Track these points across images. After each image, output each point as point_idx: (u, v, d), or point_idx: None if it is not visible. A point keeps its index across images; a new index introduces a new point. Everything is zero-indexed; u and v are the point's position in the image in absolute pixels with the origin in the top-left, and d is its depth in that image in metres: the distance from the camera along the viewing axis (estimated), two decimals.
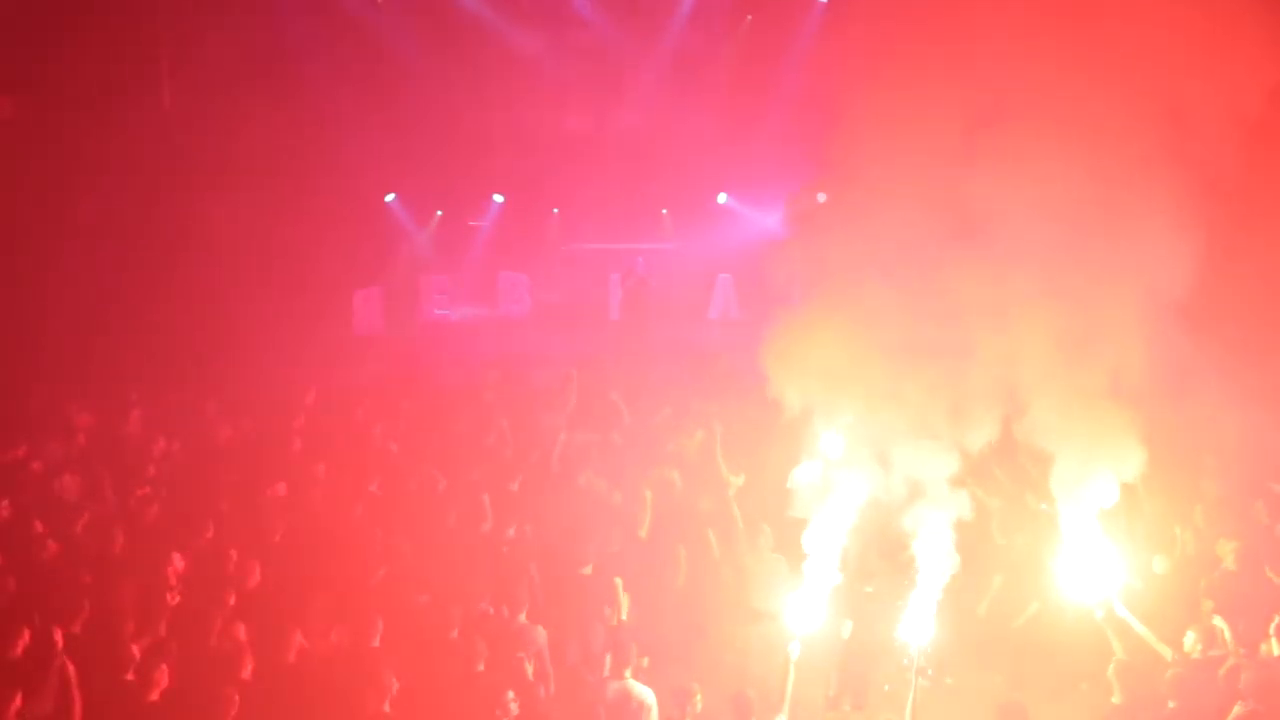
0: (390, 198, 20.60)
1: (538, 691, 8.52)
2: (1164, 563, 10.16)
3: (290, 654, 8.60)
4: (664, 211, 21.28)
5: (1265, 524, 10.72)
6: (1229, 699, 8.28)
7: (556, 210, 21.11)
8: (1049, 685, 9.85)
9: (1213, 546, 10.35)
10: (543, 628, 9.22)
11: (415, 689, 8.41)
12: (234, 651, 8.52)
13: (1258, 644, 8.79)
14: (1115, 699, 8.49)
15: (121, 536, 10.11)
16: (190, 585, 9.48)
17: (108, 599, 9.20)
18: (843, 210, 9.14)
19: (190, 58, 18.40)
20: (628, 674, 8.48)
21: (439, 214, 20.90)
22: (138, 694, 8.10)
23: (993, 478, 10.96)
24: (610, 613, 9.56)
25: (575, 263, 20.50)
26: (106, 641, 8.58)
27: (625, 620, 9.64)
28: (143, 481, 11.41)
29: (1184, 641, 8.66)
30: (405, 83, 19.80)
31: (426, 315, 19.95)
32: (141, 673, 8.14)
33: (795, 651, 8.42)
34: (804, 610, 8.69)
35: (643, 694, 8.45)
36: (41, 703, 8.00)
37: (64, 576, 9.57)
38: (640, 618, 9.87)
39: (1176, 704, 8.16)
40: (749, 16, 20.82)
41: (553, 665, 9.08)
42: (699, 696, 8.20)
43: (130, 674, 8.21)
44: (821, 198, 10.46)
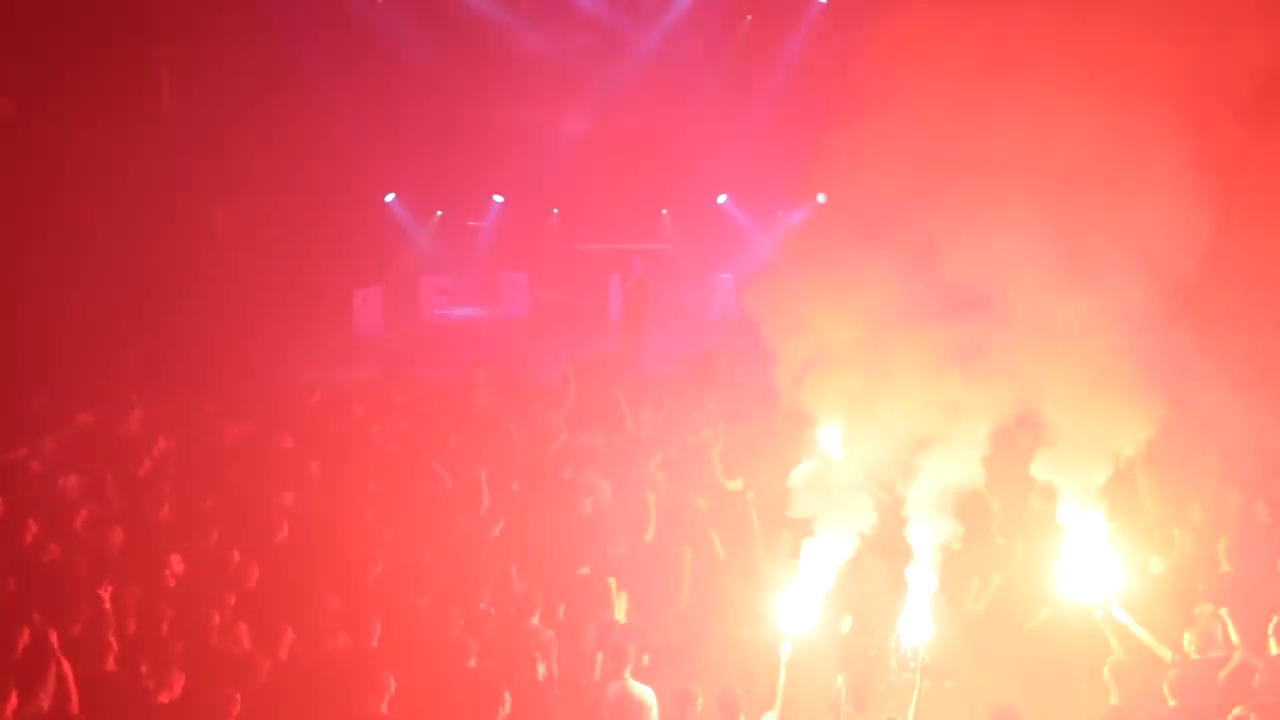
0: (390, 198, 20.59)
1: (545, 693, 8.51)
2: (1161, 563, 10.15)
3: (283, 651, 8.59)
4: (664, 211, 21.27)
5: (1265, 524, 10.72)
6: (1230, 700, 8.27)
7: (556, 210, 21.11)
8: (1049, 685, 9.84)
9: (1211, 547, 10.35)
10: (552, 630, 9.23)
11: (414, 689, 8.42)
12: (235, 652, 8.52)
13: (1257, 644, 8.79)
14: (1113, 699, 8.49)
15: (121, 536, 10.11)
16: (191, 585, 9.49)
17: (107, 599, 9.20)
18: (844, 205, 9.15)
19: (191, 59, 18.41)
20: (627, 674, 8.48)
21: (439, 214, 20.90)
22: (138, 694, 8.10)
23: (994, 475, 10.96)
24: (606, 613, 9.55)
25: (575, 263, 20.48)
26: (106, 642, 8.59)
27: (625, 620, 9.63)
28: (143, 481, 11.42)
29: (1183, 642, 8.66)
30: (405, 83, 19.79)
31: (426, 315, 19.94)
32: (142, 673, 8.14)
33: (786, 652, 8.43)
34: (796, 611, 8.69)
35: (643, 694, 8.45)
36: (39, 703, 8.00)
37: (64, 577, 9.57)
38: (641, 618, 9.87)
39: (1177, 704, 8.15)
40: (749, 16, 20.82)
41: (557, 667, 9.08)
42: (701, 700, 8.19)
43: (132, 675, 8.22)
44: (821, 198, 10.49)
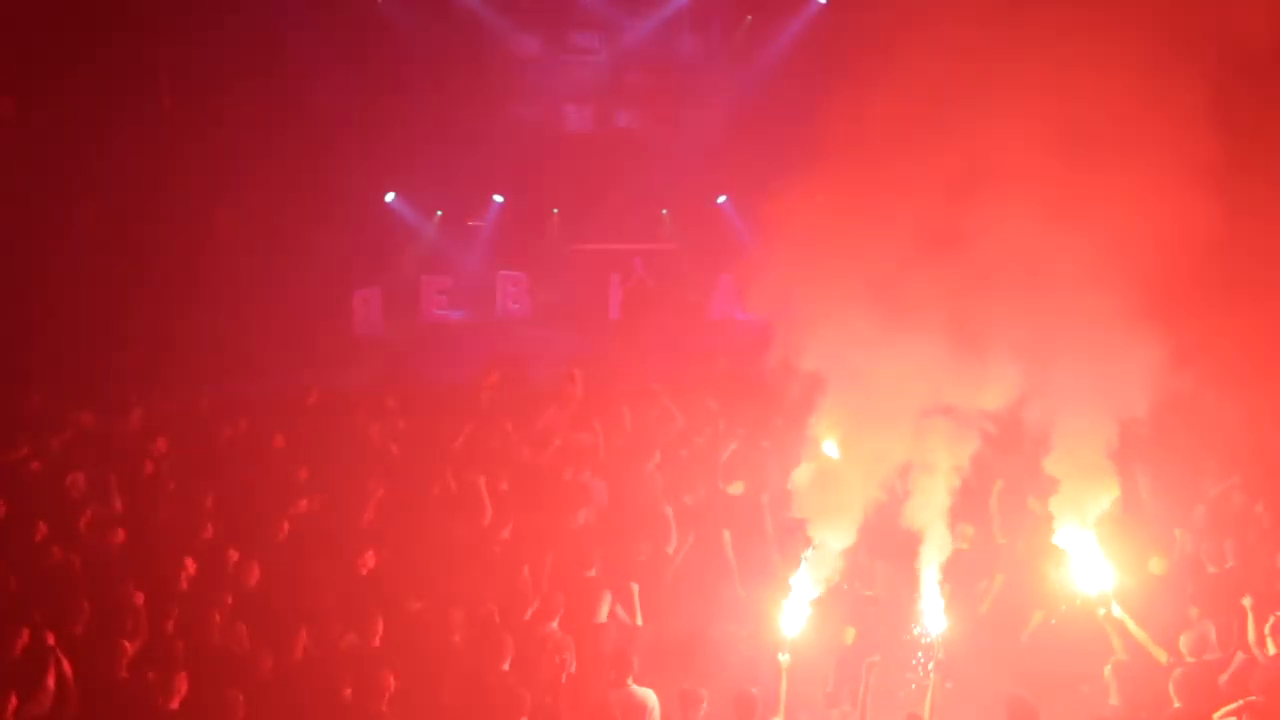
0: (390, 197, 20.58)
1: (559, 697, 8.50)
2: (1161, 564, 10.16)
3: (298, 652, 8.60)
4: (664, 211, 21.26)
5: (1266, 525, 10.73)
6: (1230, 700, 8.28)
7: (556, 210, 21.09)
8: (1049, 686, 9.85)
9: (1210, 548, 10.35)
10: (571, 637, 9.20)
11: (415, 690, 8.42)
12: (238, 652, 8.52)
13: (1256, 645, 8.80)
14: (1113, 700, 8.50)
15: (122, 536, 10.12)
16: (192, 585, 9.49)
17: (109, 599, 9.21)
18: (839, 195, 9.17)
19: (190, 58, 18.41)
20: (629, 678, 8.48)
21: (439, 214, 20.88)
22: (138, 694, 8.10)
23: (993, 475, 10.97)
24: (626, 618, 9.54)
25: (575, 263, 20.46)
26: (107, 642, 8.59)
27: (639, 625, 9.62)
28: (143, 481, 11.42)
29: (1179, 644, 8.66)
30: (406, 83, 19.78)
31: (426, 315, 19.93)
32: (143, 673, 8.14)
33: (786, 660, 8.44)
34: (795, 615, 8.70)
35: (644, 696, 8.45)
36: (39, 703, 8.00)
37: (64, 577, 9.57)
38: (643, 618, 9.88)
39: (1182, 705, 8.15)
40: (749, 17, 20.81)
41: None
42: (705, 703, 8.18)
43: (131, 674, 8.22)
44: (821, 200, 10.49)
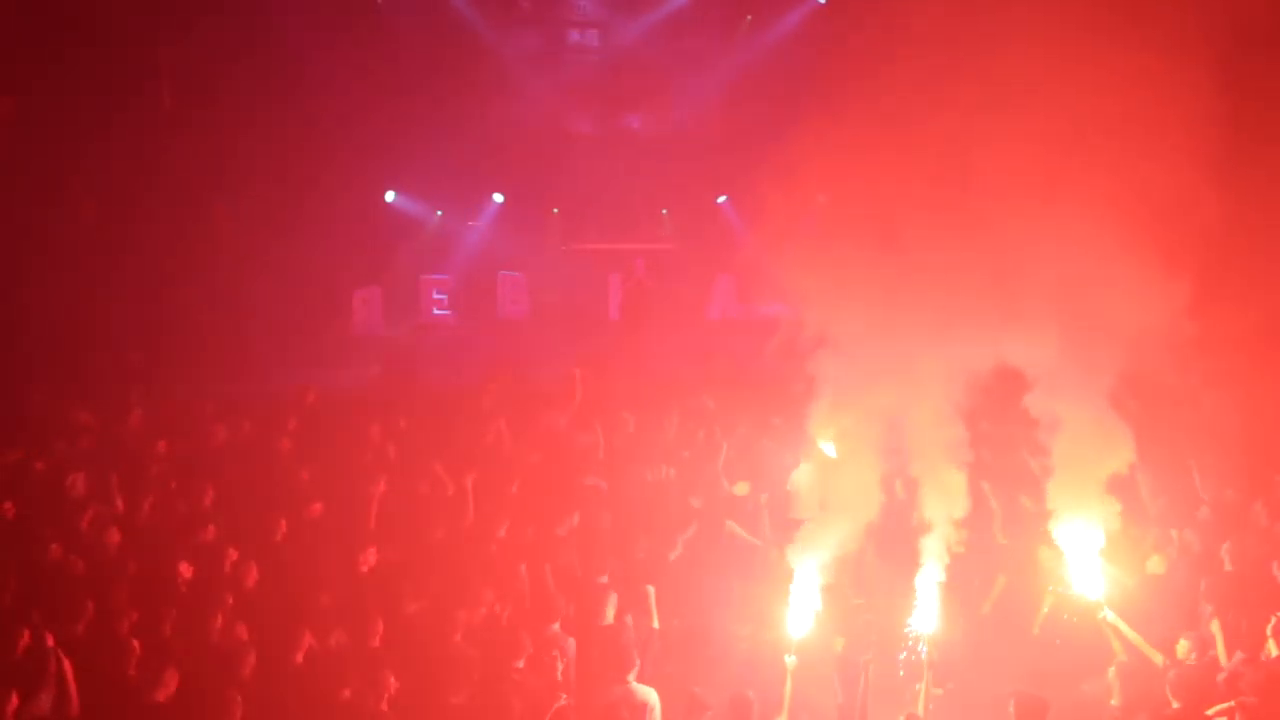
0: (390, 197, 20.58)
1: (558, 698, 8.50)
2: (1160, 564, 10.16)
3: (299, 654, 8.60)
4: (664, 211, 21.25)
5: (1264, 525, 10.73)
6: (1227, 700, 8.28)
7: (556, 210, 21.08)
8: (1049, 686, 9.84)
9: (1212, 548, 10.35)
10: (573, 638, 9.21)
11: (415, 690, 8.42)
12: (237, 652, 8.52)
13: (1255, 645, 8.80)
14: (1115, 701, 8.49)
15: (122, 536, 10.11)
16: (191, 585, 9.49)
17: (108, 599, 9.21)
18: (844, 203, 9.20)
19: (190, 58, 18.40)
20: (630, 676, 8.48)
21: (439, 214, 20.87)
22: (139, 694, 8.10)
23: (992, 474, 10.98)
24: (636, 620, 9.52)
25: (575, 263, 20.46)
26: (107, 642, 8.60)
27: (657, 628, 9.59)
28: (144, 481, 11.42)
29: (1177, 648, 8.65)
30: (405, 82, 19.77)
31: (426, 315, 19.92)
32: (145, 673, 8.14)
33: (791, 662, 8.45)
34: (798, 618, 8.70)
35: (646, 694, 8.46)
36: (40, 703, 7.99)
37: (65, 577, 9.57)
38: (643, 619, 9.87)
39: (1180, 706, 8.15)
40: (749, 16, 20.81)
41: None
42: (712, 709, 8.17)
43: (131, 674, 8.22)
44: (821, 199, 10.50)
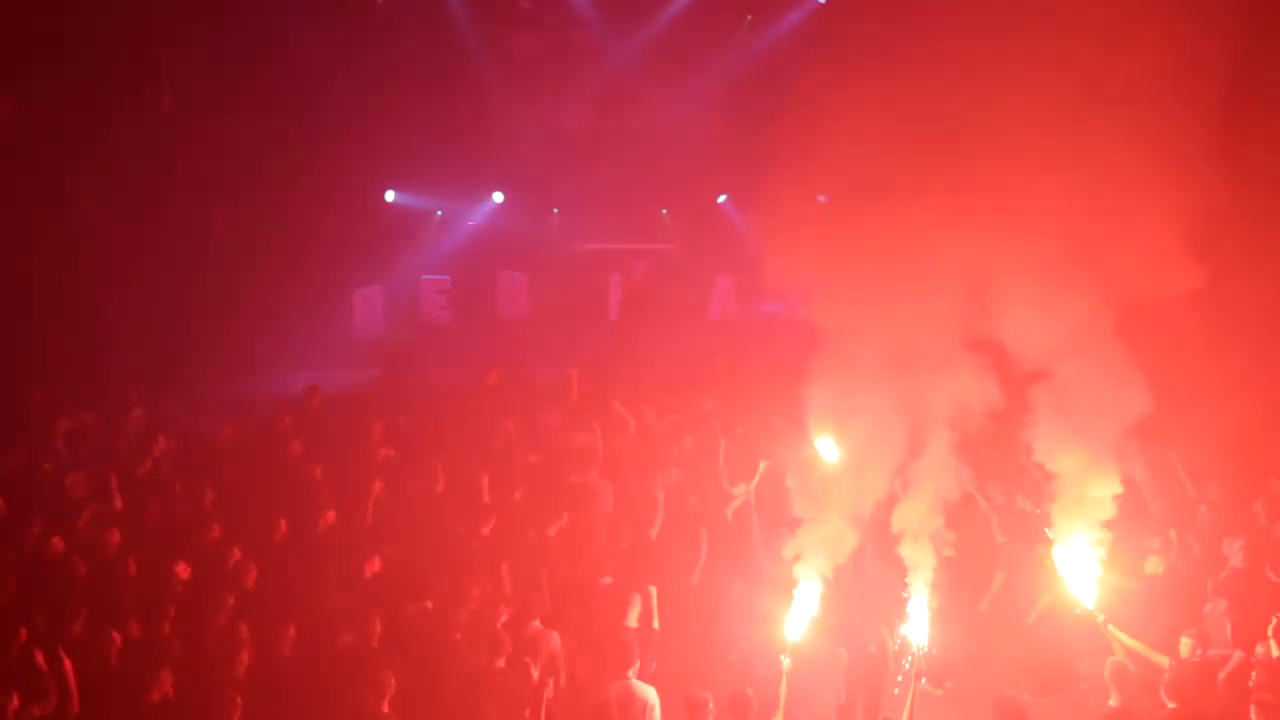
0: (390, 197, 20.57)
1: (543, 694, 8.51)
2: (1158, 564, 10.16)
3: (285, 648, 8.59)
4: (664, 211, 21.25)
5: (1264, 525, 10.74)
6: (1229, 700, 8.29)
7: (556, 210, 21.08)
8: (1049, 686, 9.86)
9: (1213, 547, 10.36)
10: (556, 634, 9.22)
11: (415, 689, 8.43)
12: (236, 652, 8.53)
13: (1254, 644, 8.81)
14: (1112, 701, 8.50)
15: (122, 536, 10.12)
16: (191, 586, 9.49)
17: (108, 599, 9.22)
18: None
19: (190, 57, 18.40)
20: (630, 674, 8.49)
21: (439, 214, 20.87)
22: (139, 694, 8.11)
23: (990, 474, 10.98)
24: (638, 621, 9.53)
25: (575, 263, 20.44)
26: (107, 642, 8.60)
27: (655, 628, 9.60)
28: (143, 481, 11.42)
29: (1180, 647, 8.66)
30: (405, 82, 19.77)
31: (426, 315, 19.92)
32: (144, 673, 8.15)
33: (787, 663, 8.46)
34: (797, 618, 8.71)
35: (645, 692, 8.47)
36: (40, 703, 8.00)
37: (65, 577, 9.58)
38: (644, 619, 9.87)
39: (1177, 705, 8.16)
40: (749, 16, 20.79)
41: (564, 670, 9.06)
42: (712, 705, 8.18)
43: (132, 674, 8.23)
44: (821, 199, 10.50)
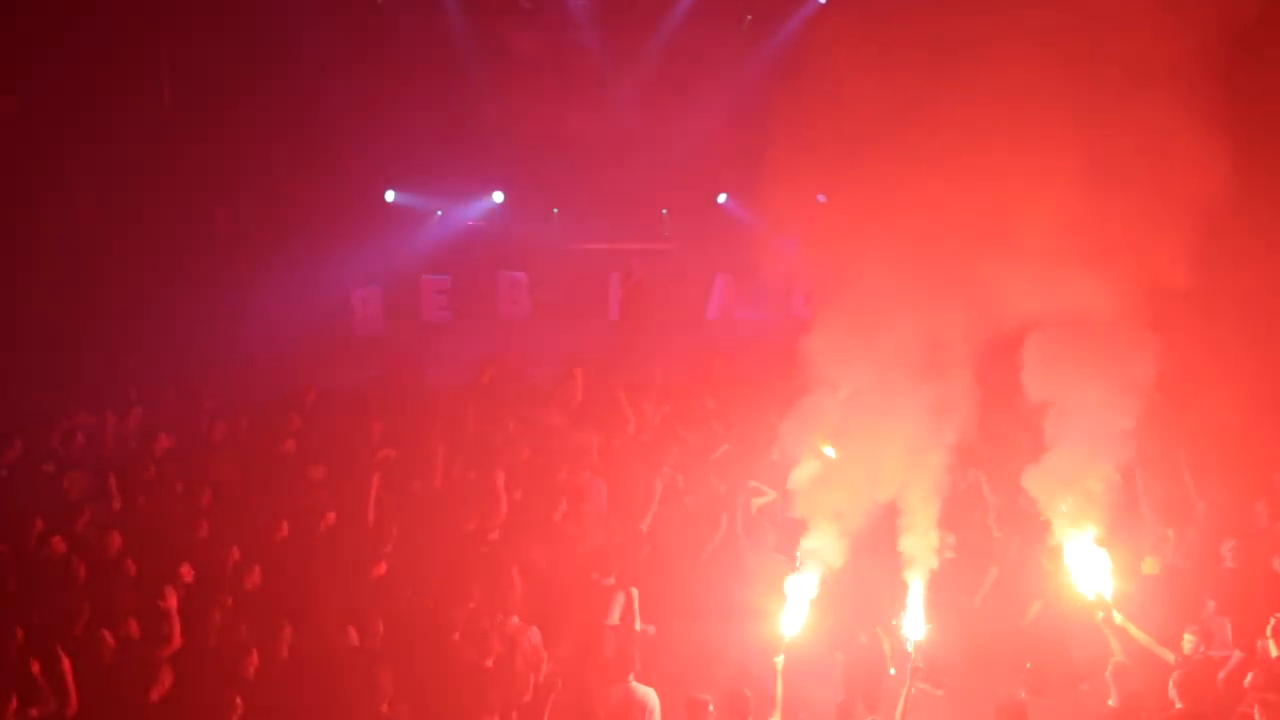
0: (390, 196, 20.57)
1: (525, 691, 8.51)
2: (1155, 564, 10.17)
3: (284, 649, 8.59)
4: (664, 211, 21.25)
5: (1264, 525, 10.74)
6: (1230, 699, 8.29)
7: (556, 210, 21.08)
8: (1048, 685, 9.85)
9: (1213, 546, 10.36)
10: (536, 629, 9.23)
11: (415, 689, 8.43)
12: (236, 652, 8.53)
13: (1253, 643, 8.82)
14: (1112, 701, 8.50)
15: (122, 536, 10.12)
16: (191, 586, 9.49)
17: (108, 599, 9.22)
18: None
19: (190, 56, 18.41)
20: (630, 677, 8.48)
21: (439, 214, 20.87)
22: (139, 694, 8.11)
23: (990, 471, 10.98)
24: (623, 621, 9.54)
25: (575, 263, 20.44)
26: (107, 642, 8.60)
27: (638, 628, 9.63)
28: (144, 481, 11.42)
29: (1183, 643, 8.67)
30: (405, 81, 19.77)
31: (426, 315, 19.92)
32: (143, 673, 8.15)
33: (781, 661, 8.45)
34: (792, 615, 8.70)
35: (645, 696, 8.46)
36: (40, 704, 8.00)
37: (64, 577, 9.58)
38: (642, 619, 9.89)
39: (1182, 705, 8.16)
40: (749, 16, 20.79)
41: (556, 669, 9.07)
42: (712, 707, 8.19)
43: (132, 674, 8.23)
44: (821, 198, 10.49)
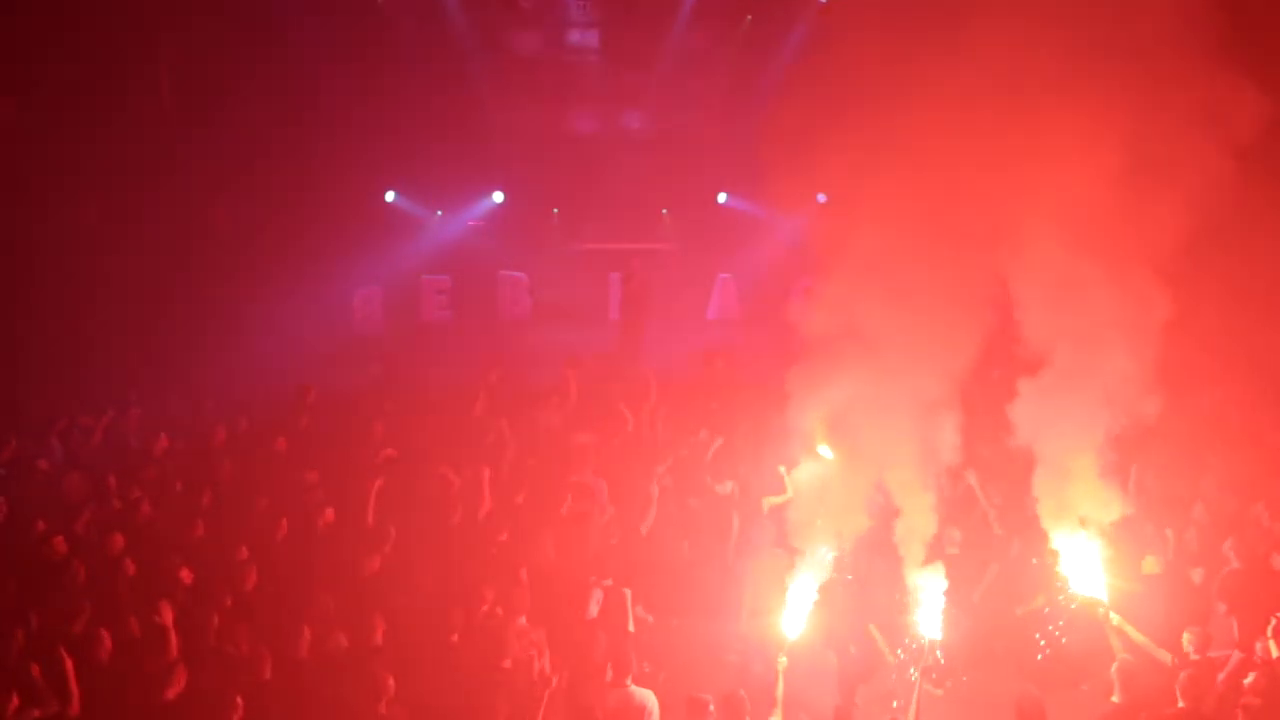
0: (391, 196, 20.58)
1: (519, 690, 8.51)
2: (1155, 564, 10.16)
3: (302, 650, 8.61)
4: (664, 211, 21.26)
5: (1265, 525, 10.73)
6: (1230, 699, 8.29)
7: (556, 210, 21.09)
8: (1048, 684, 9.84)
9: (1214, 546, 10.36)
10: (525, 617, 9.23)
11: (414, 690, 8.42)
12: (236, 653, 8.53)
13: (1253, 643, 8.81)
14: (1115, 698, 8.50)
15: (122, 537, 10.12)
16: (191, 586, 9.49)
17: (108, 599, 9.22)
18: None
19: (190, 56, 18.41)
20: (629, 680, 8.48)
21: (439, 214, 20.87)
22: (140, 694, 8.11)
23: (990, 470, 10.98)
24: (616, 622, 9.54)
25: (575, 263, 20.45)
26: (107, 642, 8.60)
27: (632, 631, 9.62)
28: (143, 481, 11.42)
29: (1183, 644, 8.66)
30: (406, 82, 19.77)
31: (426, 315, 19.92)
32: (144, 674, 8.15)
33: (783, 662, 8.47)
34: (795, 618, 8.71)
35: (644, 698, 8.46)
36: (40, 704, 7.99)
37: (64, 577, 9.58)
38: (641, 618, 9.88)
39: (1185, 705, 8.16)
40: (749, 16, 20.80)
41: (555, 671, 9.07)
42: (713, 707, 8.18)
43: (132, 675, 8.23)
44: (821, 198, 10.51)
